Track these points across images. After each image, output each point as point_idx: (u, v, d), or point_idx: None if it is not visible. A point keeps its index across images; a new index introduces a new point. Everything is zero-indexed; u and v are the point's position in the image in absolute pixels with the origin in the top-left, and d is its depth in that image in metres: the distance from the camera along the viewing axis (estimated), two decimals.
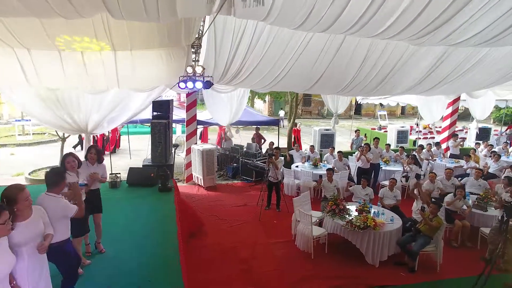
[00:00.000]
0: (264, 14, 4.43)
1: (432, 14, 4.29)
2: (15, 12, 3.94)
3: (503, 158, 10.77)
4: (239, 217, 7.31)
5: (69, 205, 3.18)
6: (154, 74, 7.42)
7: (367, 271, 5.30)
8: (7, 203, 2.54)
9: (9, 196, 2.59)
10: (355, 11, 4.28)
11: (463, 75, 8.24)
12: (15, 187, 2.67)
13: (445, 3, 3.97)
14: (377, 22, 4.51)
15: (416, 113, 32.99)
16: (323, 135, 11.12)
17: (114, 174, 6.90)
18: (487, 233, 6.14)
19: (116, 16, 4.17)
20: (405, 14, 4.32)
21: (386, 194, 6.93)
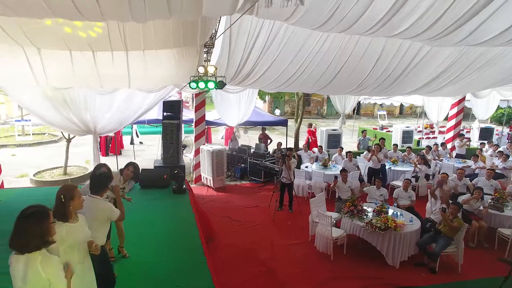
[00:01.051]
0: (287, 15, 4.37)
1: (455, 13, 4.25)
2: (39, 14, 3.84)
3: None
4: (252, 219, 7.23)
5: (114, 209, 3.16)
6: (166, 74, 7.33)
7: (388, 272, 5.27)
8: (65, 199, 2.57)
9: (67, 192, 2.60)
10: (378, 10, 4.23)
11: (474, 74, 8.26)
12: (71, 185, 2.73)
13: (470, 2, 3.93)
14: (398, 22, 4.48)
15: (414, 113, 33.32)
16: (330, 135, 11.09)
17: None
18: (504, 233, 6.17)
19: (138, 17, 4.09)
20: (427, 13, 4.28)
21: (401, 194, 6.91)
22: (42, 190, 6.92)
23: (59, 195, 2.59)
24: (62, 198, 2.56)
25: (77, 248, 2.60)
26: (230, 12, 4.25)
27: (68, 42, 5.72)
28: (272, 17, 4.70)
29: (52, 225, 2.21)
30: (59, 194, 2.60)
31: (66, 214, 2.56)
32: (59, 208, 2.56)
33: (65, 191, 2.61)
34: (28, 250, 2.08)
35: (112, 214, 3.17)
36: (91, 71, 6.44)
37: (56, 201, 2.59)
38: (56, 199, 2.59)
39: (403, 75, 7.69)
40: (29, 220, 2.10)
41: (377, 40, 6.64)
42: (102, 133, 8.19)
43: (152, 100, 8.22)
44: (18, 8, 3.62)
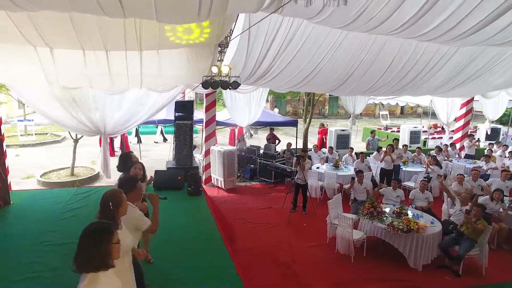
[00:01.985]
0: (313, 13, 4.28)
1: (481, 14, 4.16)
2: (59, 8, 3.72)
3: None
4: (267, 220, 7.13)
5: (143, 218, 3.01)
6: (179, 74, 7.22)
7: (411, 275, 5.18)
8: (113, 205, 2.44)
9: (114, 198, 2.47)
10: (407, 12, 4.15)
11: (486, 75, 8.20)
12: (117, 190, 2.59)
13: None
14: (424, 23, 4.40)
15: (415, 113, 33.37)
16: (339, 135, 11.00)
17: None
18: None
19: (162, 17, 3.99)
20: (453, 15, 4.19)
21: (417, 195, 6.84)
22: (53, 192, 6.77)
23: (106, 202, 2.44)
24: (110, 205, 2.42)
25: (126, 255, 2.48)
26: (255, 10, 4.14)
27: (82, 42, 5.60)
28: (297, 15, 4.61)
29: (115, 246, 1.98)
30: (106, 201, 2.44)
31: (114, 222, 2.41)
32: (106, 215, 2.41)
33: (112, 197, 2.47)
34: (89, 270, 1.89)
35: (141, 224, 2.99)
36: (104, 70, 6.32)
37: (103, 208, 2.44)
38: (103, 206, 2.44)
39: (420, 76, 7.61)
40: (91, 238, 1.92)
41: (394, 40, 6.54)
42: (112, 134, 8.05)
43: (163, 100, 8.09)
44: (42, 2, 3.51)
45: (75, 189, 6.85)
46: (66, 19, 4.92)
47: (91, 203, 5.89)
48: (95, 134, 7.91)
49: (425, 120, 19.47)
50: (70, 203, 5.92)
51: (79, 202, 6.03)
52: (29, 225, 5.03)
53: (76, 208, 5.70)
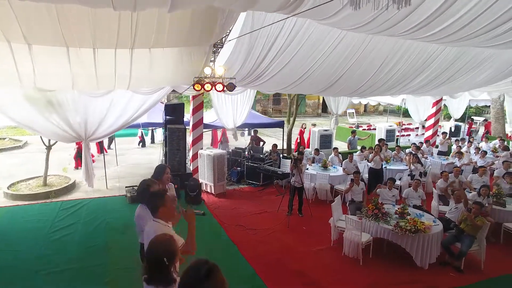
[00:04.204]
0: (328, 15, 4.18)
1: (489, 16, 4.30)
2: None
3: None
4: (265, 226, 6.96)
5: (177, 237, 2.69)
6: (169, 74, 6.83)
7: (421, 275, 5.30)
8: (169, 261, 2.02)
9: (168, 249, 2.05)
10: (421, 14, 4.18)
11: (465, 76, 8.68)
12: (169, 239, 2.14)
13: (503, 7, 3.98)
14: (434, 25, 4.47)
15: (377, 111, 34.89)
16: (322, 135, 11.10)
17: (131, 187, 6.13)
18: (510, 228, 6.52)
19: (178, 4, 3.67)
20: (464, 16, 4.29)
21: (411, 194, 7.05)
22: (34, 209, 6.06)
23: (160, 257, 2.00)
24: (166, 261, 1.99)
25: None
26: (279, 8, 3.95)
27: (68, 38, 5.03)
28: (312, 16, 4.47)
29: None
30: (158, 257, 2.01)
31: (170, 279, 1.99)
32: (160, 273, 1.99)
33: (166, 250, 2.02)
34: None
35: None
36: (89, 70, 5.78)
37: (153, 264, 2.01)
38: (153, 262, 2.01)
39: (407, 75, 7.85)
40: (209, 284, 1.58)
41: (386, 41, 6.66)
42: (94, 139, 7.42)
43: (149, 103, 7.62)
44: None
45: (60, 203, 6.21)
46: (51, 11, 4.40)
47: (83, 218, 5.35)
48: (75, 140, 7.25)
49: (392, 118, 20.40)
50: (58, 221, 5.34)
51: (68, 218, 5.46)
52: (17, 251, 4.41)
53: (66, 225, 5.15)
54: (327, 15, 4.23)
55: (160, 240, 2.10)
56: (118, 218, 6.43)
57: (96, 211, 6.54)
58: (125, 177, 9.20)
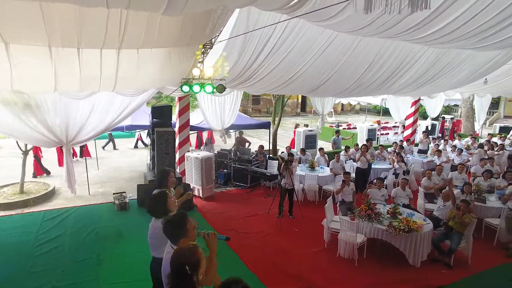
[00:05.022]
0: (327, 16, 4.18)
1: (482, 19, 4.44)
2: None
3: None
4: (257, 229, 6.89)
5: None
6: (157, 76, 6.61)
7: (414, 273, 5.42)
8: (192, 269, 1.96)
9: (190, 259, 1.99)
10: (416, 17, 4.26)
11: (445, 76, 8.99)
12: (192, 248, 2.07)
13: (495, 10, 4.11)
14: (428, 27, 4.57)
15: (353, 109, 35.65)
16: (307, 136, 11.16)
17: (119, 194, 5.85)
18: (492, 223, 6.80)
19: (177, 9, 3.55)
20: (457, 20, 4.41)
21: (399, 193, 7.19)
22: (14, 220, 5.68)
23: (182, 266, 1.95)
24: (188, 269, 1.94)
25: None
26: (281, 7, 3.89)
27: (51, 37, 4.73)
28: (311, 18, 4.45)
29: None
30: (180, 265, 1.95)
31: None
32: (183, 282, 1.94)
33: (189, 259, 1.97)
34: None
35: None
36: (73, 71, 5.47)
37: (177, 275, 1.95)
38: (176, 272, 1.95)
39: (392, 76, 8.02)
40: None
41: (374, 42, 6.75)
42: (76, 144, 7.05)
43: (135, 104, 7.34)
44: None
45: (43, 213, 5.83)
46: (34, 8, 4.12)
47: (70, 228, 5.02)
48: (55, 144, 6.86)
49: (370, 117, 20.84)
50: (42, 233, 4.99)
51: (53, 229, 5.12)
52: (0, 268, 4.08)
53: (53, 238, 4.81)
54: (326, 17, 4.22)
55: (184, 249, 2.05)
56: (108, 227, 6.13)
57: (84, 220, 6.22)
58: (107, 182, 8.84)
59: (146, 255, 4.35)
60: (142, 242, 4.87)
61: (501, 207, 6.92)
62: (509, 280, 5.33)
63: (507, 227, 6.49)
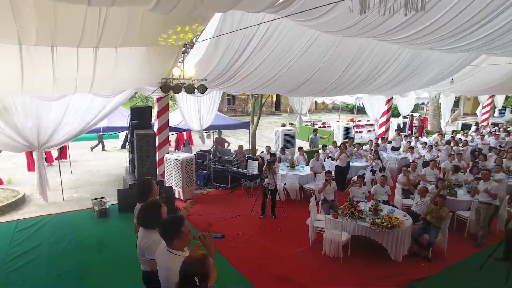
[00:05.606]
0: (312, 16, 4.22)
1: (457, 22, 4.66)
2: None
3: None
4: (242, 230, 6.86)
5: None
6: (136, 76, 6.39)
7: (396, 267, 5.60)
8: (201, 280, 1.92)
9: (200, 269, 1.93)
10: (397, 19, 4.40)
11: (417, 76, 9.36)
12: (201, 257, 2.04)
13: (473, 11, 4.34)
14: (408, 28, 4.73)
15: (326, 108, 36.35)
16: (286, 135, 11.24)
17: (98, 199, 5.58)
18: (463, 215, 7.16)
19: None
20: (435, 23, 4.60)
21: (379, 190, 7.40)
22: None
23: (191, 277, 1.91)
24: (196, 281, 1.90)
25: None
26: (267, 8, 3.87)
27: (23, 35, 4.45)
28: (298, 17, 4.46)
29: None
30: (189, 276, 1.91)
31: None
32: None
33: (197, 270, 1.92)
34: None
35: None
36: (46, 71, 5.19)
37: (184, 284, 1.92)
38: (184, 282, 1.91)
39: (370, 76, 8.24)
40: None
41: (354, 42, 6.90)
42: (49, 148, 6.67)
43: (111, 106, 7.06)
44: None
45: (14, 223, 5.45)
46: (4, 2, 3.86)
47: (46, 239, 4.70)
48: (26, 149, 6.47)
49: (343, 115, 21.33)
50: (16, 245, 4.63)
51: (28, 241, 4.76)
52: None
53: (28, 250, 4.48)
54: (311, 17, 4.25)
55: (192, 259, 2.00)
56: (89, 236, 5.82)
57: (61, 229, 5.84)
58: (82, 186, 8.45)
59: (132, 264, 4.21)
60: (127, 250, 4.70)
61: (470, 200, 7.30)
62: (480, 269, 5.62)
63: (476, 218, 6.84)
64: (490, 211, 6.72)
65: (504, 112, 26.58)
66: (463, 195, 7.66)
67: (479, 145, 13.95)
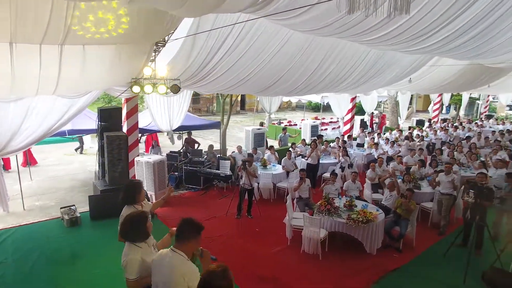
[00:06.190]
0: (289, 15, 4.28)
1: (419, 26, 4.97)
2: None
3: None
4: (219, 232, 6.78)
5: (197, 273, 2.42)
6: (105, 75, 6.08)
7: (372, 260, 5.84)
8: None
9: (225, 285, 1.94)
10: (371, 21, 4.59)
11: (381, 75, 9.81)
12: (222, 270, 2.07)
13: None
14: (379, 30, 4.96)
15: (290, 106, 36.95)
16: (256, 134, 11.27)
17: (67, 207, 5.18)
18: (426, 206, 7.62)
19: None
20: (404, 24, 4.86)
21: (351, 186, 7.66)
22: None
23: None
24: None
25: None
26: (244, 8, 3.85)
27: None
28: (276, 17, 4.49)
29: None
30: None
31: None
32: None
33: (220, 282, 1.96)
34: None
35: (193, 281, 2.41)
36: (4, 70, 4.79)
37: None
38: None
39: (340, 76, 8.50)
40: None
41: (325, 42, 7.07)
42: (7, 154, 6.13)
43: (76, 108, 6.65)
44: None
45: None
46: None
47: (11, 255, 4.25)
48: None
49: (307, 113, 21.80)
50: None
51: None
52: None
53: None
54: (288, 16, 4.28)
55: (215, 272, 1.98)
56: (60, 249, 5.36)
57: (27, 243, 5.32)
58: (44, 193, 7.86)
59: (111, 276, 3.97)
60: (106, 262, 4.44)
61: (433, 192, 7.80)
62: (444, 255, 6.04)
63: (438, 209, 7.32)
64: (451, 201, 7.23)
65: (449, 109, 28.77)
66: (425, 187, 8.16)
67: (433, 140, 14.90)
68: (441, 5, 4.18)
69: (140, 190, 3.50)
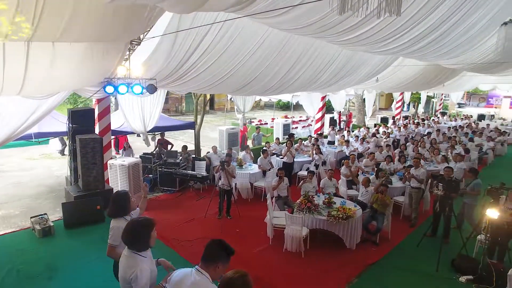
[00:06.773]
0: (272, 14, 4.32)
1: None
2: None
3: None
4: (198, 234, 6.65)
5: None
6: (76, 75, 5.76)
7: (351, 255, 6.03)
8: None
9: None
10: (350, 21, 4.74)
11: (352, 75, 10.13)
12: (243, 274, 2.07)
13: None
14: (356, 30, 5.13)
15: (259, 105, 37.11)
16: (230, 134, 11.22)
17: (38, 216, 4.79)
18: (398, 200, 7.98)
19: None
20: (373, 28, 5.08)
21: (327, 184, 7.85)
22: None
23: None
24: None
25: None
26: (230, 6, 3.82)
27: None
28: (260, 17, 4.49)
29: None
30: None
31: None
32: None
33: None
34: None
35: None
36: None
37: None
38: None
39: (314, 75, 8.66)
40: None
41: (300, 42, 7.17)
42: None
43: (43, 110, 6.23)
44: None
45: None
46: None
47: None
48: None
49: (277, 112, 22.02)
50: None
51: None
52: None
53: None
54: (272, 14, 4.30)
55: (234, 279, 1.94)
56: (33, 262, 4.94)
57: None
58: (7, 201, 7.28)
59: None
60: (85, 273, 4.19)
61: (403, 186, 8.18)
62: (417, 246, 6.37)
63: (409, 202, 7.70)
64: (420, 194, 7.63)
65: (409, 107, 30.38)
66: (396, 182, 8.53)
67: (397, 137, 15.63)
68: (410, 9, 4.45)
69: (130, 199, 3.35)
